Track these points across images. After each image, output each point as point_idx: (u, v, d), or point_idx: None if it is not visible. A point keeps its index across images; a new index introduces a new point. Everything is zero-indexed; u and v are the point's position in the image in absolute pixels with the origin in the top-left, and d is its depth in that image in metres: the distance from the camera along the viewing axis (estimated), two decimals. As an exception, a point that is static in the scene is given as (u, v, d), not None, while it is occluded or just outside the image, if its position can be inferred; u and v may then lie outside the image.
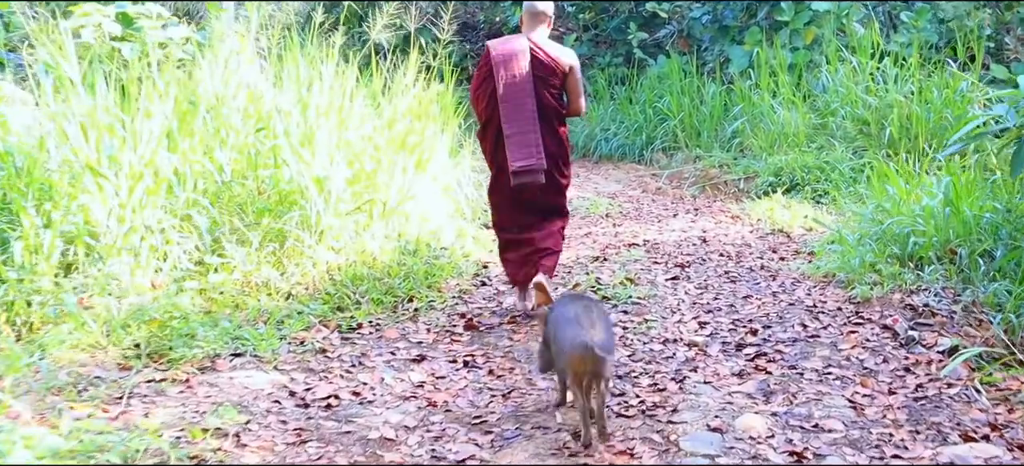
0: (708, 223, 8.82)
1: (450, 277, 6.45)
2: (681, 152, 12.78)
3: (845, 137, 10.72)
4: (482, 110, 5.63)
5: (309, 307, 5.56)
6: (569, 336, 3.71)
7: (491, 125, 5.59)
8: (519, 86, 5.42)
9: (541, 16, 5.67)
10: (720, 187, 10.97)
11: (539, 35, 5.64)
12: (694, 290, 6.24)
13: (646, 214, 9.43)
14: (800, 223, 8.44)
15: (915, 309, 5.56)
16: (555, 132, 5.59)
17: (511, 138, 5.43)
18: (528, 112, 5.42)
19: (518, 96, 5.42)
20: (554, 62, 5.53)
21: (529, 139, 5.42)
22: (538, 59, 5.49)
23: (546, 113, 5.51)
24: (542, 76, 5.50)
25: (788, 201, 9.31)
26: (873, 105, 10.75)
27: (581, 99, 5.70)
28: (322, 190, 6.27)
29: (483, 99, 5.59)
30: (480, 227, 8.26)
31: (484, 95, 5.58)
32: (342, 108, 6.99)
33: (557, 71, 5.55)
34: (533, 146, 5.42)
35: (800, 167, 10.16)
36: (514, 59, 5.45)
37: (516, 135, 5.43)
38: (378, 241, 6.42)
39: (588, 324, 3.72)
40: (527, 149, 5.41)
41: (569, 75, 5.59)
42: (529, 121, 5.42)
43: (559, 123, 5.64)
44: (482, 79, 5.60)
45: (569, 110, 5.72)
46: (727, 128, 12.34)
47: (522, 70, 5.44)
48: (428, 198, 7.32)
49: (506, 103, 5.42)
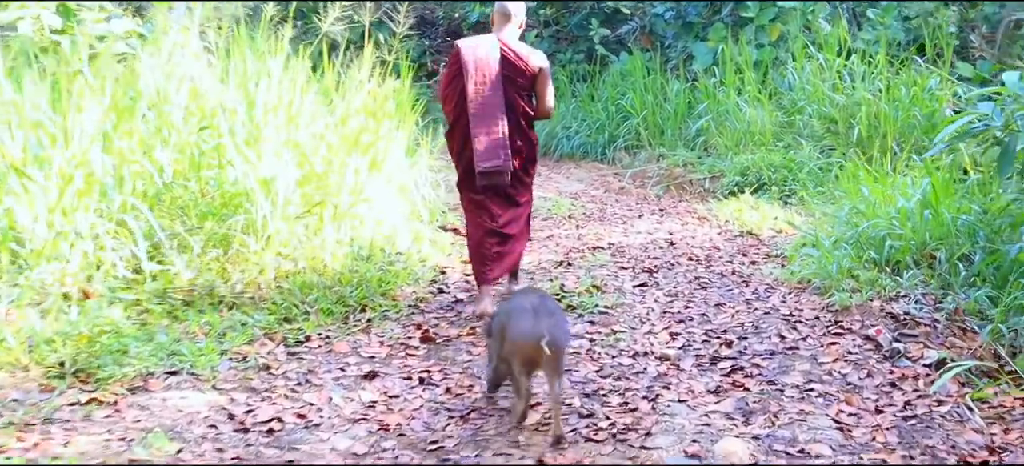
0: (674, 224, 8.51)
1: (405, 284, 6.07)
2: (644, 151, 12.47)
3: (812, 135, 10.47)
4: (450, 110, 5.55)
5: (254, 318, 5.17)
6: (522, 326, 3.67)
7: (459, 125, 5.52)
8: (488, 87, 5.38)
9: (511, 17, 5.61)
10: (685, 186, 10.68)
11: (509, 35, 5.58)
12: (664, 297, 5.91)
13: (610, 215, 9.10)
14: (769, 225, 8.15)
15: (896, 318, 5.28)
16: (524, 133, 5.55)
17: (478, 138, 5.37)
18: (496, 113, 5.37)
19: (487, 96, 5.37)
20: (524, 63, 5.47)
21: (496, 140, 5.37)
22: (508, 60, 5.44)
23: (515, 114, 5.47)
24: (511, 77, 5.45)
25: (756, 201, 9.02)
26: (841, 103, 10.51)
27: (550, 101, 5.63)
28: (269, 192, 5.87)
29: (452, 99, 5.52)
30: (437, 229, 7.89)
31: (453, 95, 5.50)
32: (292, 105, 6.58)
33: (526, 72, 5.49)
34: (500, 147, 5.37)
35: (767, 166, 9.88)
36: (484, 59, 5.40)
37: (483, 136, 5.37)
38: (329, 246, 6.03)
39: (544, 314, 3.68)
40: (494, 150, 5.37)
41: (538, 76, 5.53)
42: (497, 122, 5.37)
43: (527, 124, 5.59)
44: (451, 79, 5.53)
45: (537, 112, 5.65)
46: (691, 126, 12.05)
47: (492, 71, 5.39)
48: (383, 200, 6.93)
49: (474, 103, 5.37)
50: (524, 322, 3.69)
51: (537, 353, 3.59)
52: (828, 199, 9.12)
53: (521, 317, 3.73)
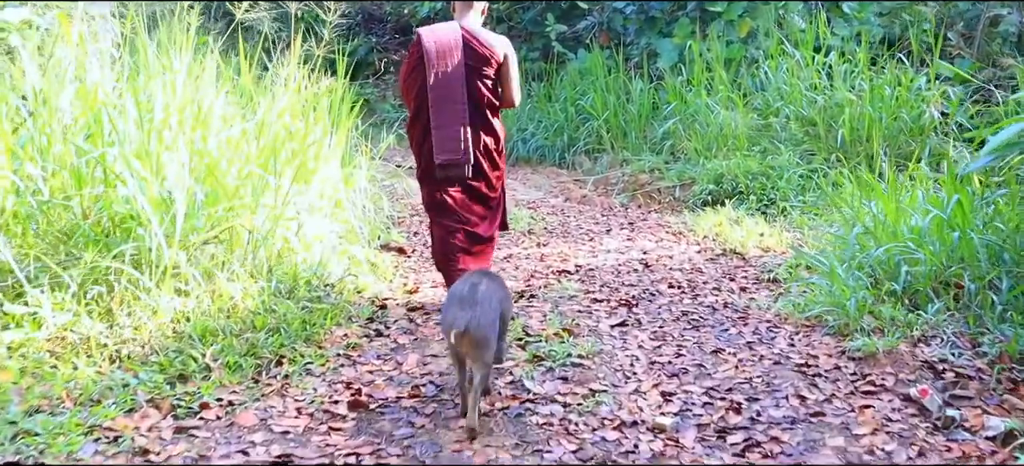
0: (648, 242, 7.44)
1: (336, 325, 4.94)
2: (607, 155, 11.41)
3: (790, 140, 9.49)
4: (411, 101, 5.24)
5: (140, 377, 4.03)
6: (447, 316, 3.67)
7: (420, 116, 5.20)
8: (450, 76, 5.08)
9: (474, 3, 5.28)
10: (653, 196, 9.64)
11: (472, 22, 5.25)
12: (649, 341, 4.82)
13: (575, 230, 8.02)
14: (754, 242, 7.13)
15: (933, 368, 4.27)
16: (489, 124, 5.25)
17: (437, 130, 5.09)
18: (458, 104, 5.09)
19: (449, 87, 5.08)
20: (489, 51, 5.14)
21: (456, 133, 5.09)
22: (471, 48, 5.12)
23: (479, 105, 5.18)
24: (475, 66, 5.13)
25: (736, 214, 8.00)
26: (820, 104, 9.55)
27: (516, 90, 5.31)
28: (168, 213, 4.72)
29: (412, 89, 5.21)
30: (378, 250, 6.78)
31: (413, 85, 5.20)
32: (202, 108, 5.43)
33: (491, 61, 5.15)
34: (459, 139, 5.09)
35: (743, 173, 8.89)
36: (446, 48, 5.09)
37: (443, 128, 5.09)
38: (241, 280, 4.89)
39: (469, 304, 3.64)
40: (453, 143, 5.09)
41: (504, 65, 5.21)
42: (458, 114, 5.09)
43: (493, 114, 5.28)
44: (411, 69, 5.21)
45: (503, 101, 5.32)
46: (657, 129, 11.01)
47: (454, 60, 5.09)
48: (311, 219, 5.79)
49: (435, 93, 5.07)
50: (447, 311, 3.69)
51: (459, 344, 3.59)
52: (813, 210, 8.16)
53: (447, 305, 3.74)
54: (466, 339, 3.56)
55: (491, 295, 3.77)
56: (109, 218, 4.78)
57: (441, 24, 5.29)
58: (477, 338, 3.58)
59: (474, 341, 3.58)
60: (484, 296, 3.71)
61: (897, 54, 9.86)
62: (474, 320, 3.57)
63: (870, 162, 8.89)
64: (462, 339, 3.56)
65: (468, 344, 3.58)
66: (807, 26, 10.63)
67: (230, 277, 4.85)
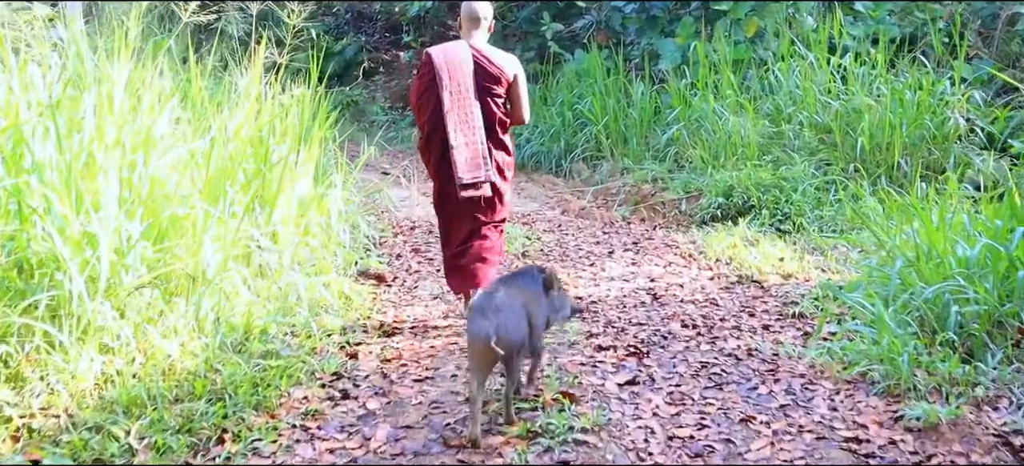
0: (655, 266, 6.64)
1: (295, 385, 4.13)
2: (606, 162, 10.60)
3: (804, 148, 8.70)
4: (425, 121, 5.13)
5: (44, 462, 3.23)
6: (472, 327, 3.57)
7: (436, 137, 5.09)
8: (464, 96, 5.02)
9: (481, 21, 5.19)
10: (657, 208, 8.85)
11: (479, 40, 5.17)
12: (665, 406, 3.99)
13: (574, 252, 7.21)
14: (773, 267, 6.34)
15: (1008, 443, 3.48)
16: (501, 142, 5.21)
17: (458, 150, 5.01)
18: (474, 123, 5.03)
19: (464, 107, 5.02)
20: (499, 70, 5.08)
21: (477, 151, 5.04)
22: (482, 67, 5.06)
23: (491, 123, 5.11)
24: (486, 85, 5.07)
25: (752, 233, 7.22)
26: (836, 110, 8.76)
27: (525, 107, 5.29)
28: (94, 253, 3.92)
29: (426, 110, 5.10)
30: (355, 279, 5.99)
31: (428, 106, 5.09)
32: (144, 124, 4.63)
33: (502, 80, 5.10)
34: (481, 157, 5.04)
35: (755, 186, 8.09)
36: (458, 68, 5.03)
37: (464, 147, 5.02)
38: (181, 334, 4.09)
39: (491, 312, 3.56)
40: (475, 161, 5.03)
41: (513, 84, 5.16)
42: (476, 133, 5.03)
43: (503, 132, 5.22)
44: (424, 89, 5.11)
45: (513, 119, 5.28)
46: (660, 135, 10.21)
47: (466, 79, 5.03)
48: (274, 250, 5.00)
49: (452, 114, 5.00)
50: (472, 323, 3.60)
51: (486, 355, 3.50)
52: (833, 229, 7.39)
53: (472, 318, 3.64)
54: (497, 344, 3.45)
55: (512, 299, 3.70)
56: (25, 261, 3.98)
57: (450, 43, 5.18)
58: (505, 345, 3.49)
59: (504, 344, 3.48)
60: (503, 303, 3.64)
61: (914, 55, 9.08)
62: (501, 327, 3.51)
63: (891, 173, 8.11)
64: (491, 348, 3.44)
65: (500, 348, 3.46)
66: (819, 26, 9.84)
67: (166, 332, 4.04)
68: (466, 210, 5.15)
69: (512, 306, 3.67)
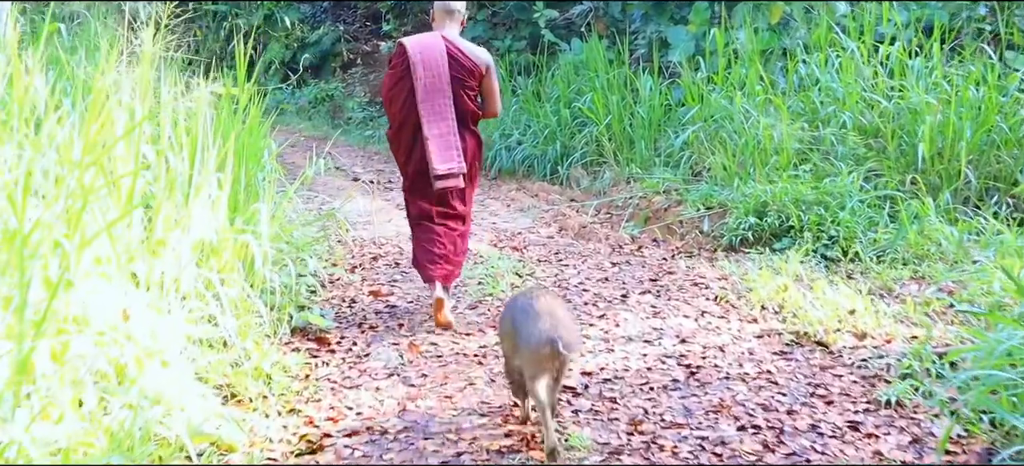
0: (684, 318, 4.95)
1: None
2: (610, 169, 8.92)
3: (849, 156, 7.07)
4: (397, 111, 5.02)
5: None
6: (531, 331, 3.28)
7: (406, 126, 4.99)
8: (438, 87, 4.93)
9: (455, 14, 5.15)
10: (673, 228, 7.20)
11: (453, 33, 5.10)
12: None
13: (577, 293, 5.51)
14: (840, 320, 4.70)
15: None
16: (473, 134, 5.13)
17: (432, 140, 4.91)
18: (448, 114, 4.95)
19: (438, 98, 4.93)
20: (472, 62, 5.01)
21: (450, 142, 4.95)
22: (455, 59, 4.97)
23: (463, 115, 5.03)
24: (460, 77, 4.98)
25: (806, 270, 5.57)
26: (886, 109, 7.15)
27: (497, 101, 5.22)
28: None
29: (399, 99, 4.99)
30: (282, 345, 4.34)
31: (400, 95, 4.98)
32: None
33: (475, 72, 5.02)
34: (454, 148, 4.95)
35: (794, 202, 6.46)
36: (431, 58, 4.93)
37: (438, 138, 4.92)
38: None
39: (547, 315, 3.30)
40: (449, 152, 4.94)
41: (486, 76, 5.08)
42: (450, 123, 4.96)
43: (474, 124, 5.14)
44: (397, 78, 5.00)
45: (486, 112, 5.21)
46: (673, 138, 8.55)
47: (440, 70, 4.93)
48: (147, 317, 3.33)
49: (425, 104, 4.92)
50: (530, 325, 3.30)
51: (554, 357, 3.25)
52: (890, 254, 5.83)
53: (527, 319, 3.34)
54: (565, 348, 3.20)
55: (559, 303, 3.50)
56: None
57: (424, 35, 5.11)
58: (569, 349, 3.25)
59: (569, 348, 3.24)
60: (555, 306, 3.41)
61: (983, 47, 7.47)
62: (564, 329, 3.28)
63: (954, 186, 6.51)
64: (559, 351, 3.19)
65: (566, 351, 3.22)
66: (859, 10, 8.20)
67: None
68: (437, 199, 5.02)
69: (563, 310, 3.46)
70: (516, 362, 3.43)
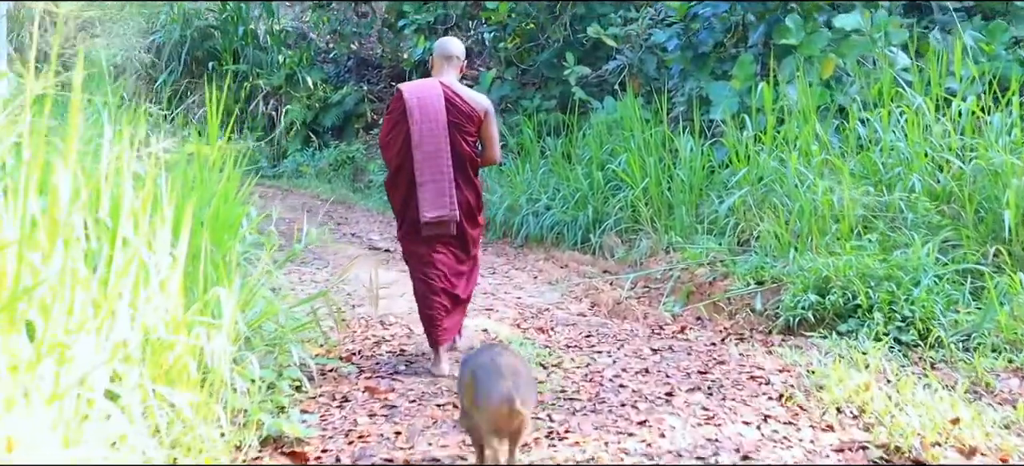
0: (743, 424, 3.99)
1: None
2: (646, 237, 8.02)
3: (920, 223, 6.15)
4: (392, 156, 5.00)
5: None
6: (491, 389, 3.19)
7: (402, 172, 4.95)
8: (434, 133, 4.88)
9: (453, 59, 5.09)
10: (721, 305, 6.28)
11: (451, 79, 5.04)
12: None
13: (612, 389, 4.55)
14: (940, 431, 3.75)
15: None
16: (471, 181, 5.05)
17: (424, 187, 4.86)
18: (443, 160, 4.87)
19: (433, 143, 4.87)
20: (470, 107, 4.96)
21: (443, 188, 4.87)
22: (453, 104, 4.92)
23: (461, 161, 4.96)
24: (457, 122, 4.93)
25: (886, 366, 4.63)
26: (962, 171, 6.25)
27: (496, 147, 5.13)
28: None
29: (395, 145, 4.97)
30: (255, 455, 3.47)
31: (396, 141, 4.96)
32: None
33: (473, 118, 4.97)
34: (446, 196, 4.87)
35: (860, 277, 5.55)
36: (428, 104, 4.89)
37: (430, 184, 4.86)
38: None
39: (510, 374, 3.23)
40: (441, 199, 4.86)
41: (484, 121, 5.02)
42: (444, 170, 4.87)
43: (474, 172, 5.07)
44: (393, 124, 5.00)
45: (484, 158, 5.14)
46: (717, 203, 7.66)
47: (437, 116, 4.88)
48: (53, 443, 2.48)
49: (420, 150, 4.87)
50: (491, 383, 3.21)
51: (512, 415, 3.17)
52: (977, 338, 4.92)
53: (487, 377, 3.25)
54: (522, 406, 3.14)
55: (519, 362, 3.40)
56: None
57: (421, 80, 5.12)
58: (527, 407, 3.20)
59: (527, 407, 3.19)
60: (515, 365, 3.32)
61: None
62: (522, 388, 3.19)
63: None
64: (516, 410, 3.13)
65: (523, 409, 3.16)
66: (927, 63, 7.31)
67: None
68: (434, 249, 4.94)
69: (525, 369, 3.37)
70: (475, 418, 3.31)
